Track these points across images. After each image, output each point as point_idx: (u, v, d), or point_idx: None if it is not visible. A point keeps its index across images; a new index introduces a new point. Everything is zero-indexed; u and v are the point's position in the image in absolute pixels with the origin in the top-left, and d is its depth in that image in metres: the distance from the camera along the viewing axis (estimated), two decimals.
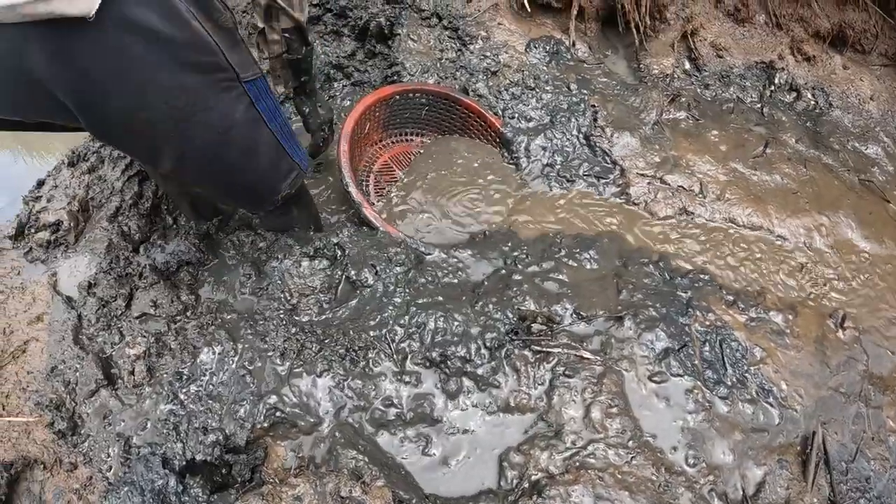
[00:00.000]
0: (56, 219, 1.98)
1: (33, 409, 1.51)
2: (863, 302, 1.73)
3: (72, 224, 1.95)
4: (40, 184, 2.01)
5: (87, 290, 1.73)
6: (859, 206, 2.00)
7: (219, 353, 1.39)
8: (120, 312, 1.63)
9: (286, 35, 1.42)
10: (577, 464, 1.24)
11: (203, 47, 1.10)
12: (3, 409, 1.53)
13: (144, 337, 1.54)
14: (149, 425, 1.36)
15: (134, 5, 0.98)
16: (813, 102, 2.33)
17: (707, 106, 2.18)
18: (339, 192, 1.89)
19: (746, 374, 1.45)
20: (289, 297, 1.48)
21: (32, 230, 2.03)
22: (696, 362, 1.43)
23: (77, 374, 1.52)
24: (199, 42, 1.09)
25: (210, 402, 1.33)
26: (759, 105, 2.26)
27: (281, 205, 1.48)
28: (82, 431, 1.43)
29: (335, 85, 2.29)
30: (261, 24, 1.38)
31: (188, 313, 1.60)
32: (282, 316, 1.45)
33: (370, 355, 1.33)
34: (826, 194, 2.00)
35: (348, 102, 2.22)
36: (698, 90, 2.25)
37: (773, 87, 2.34)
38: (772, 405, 1.42)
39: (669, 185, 1.87)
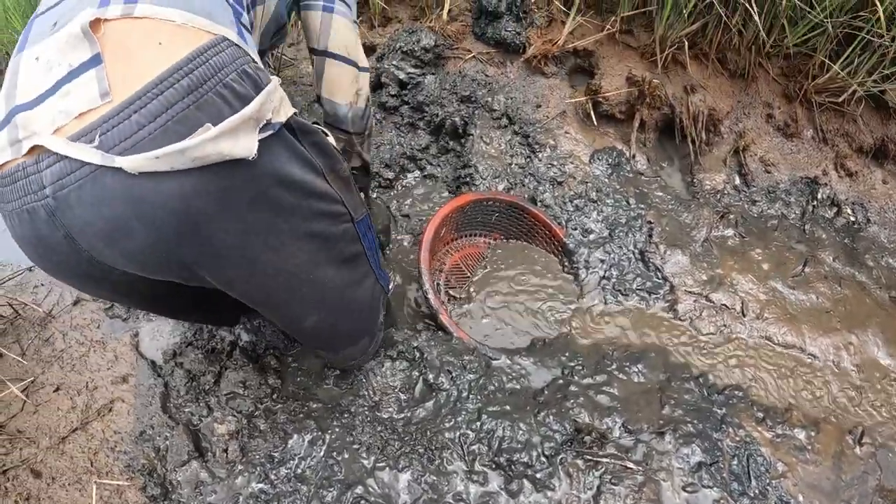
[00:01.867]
0: None
1: (123, 470, 1.62)
2: (881, 418, 1.87)
3: None
4: None
5: (174, 359, 1.84)
6: (887, 323, 2.12)
7: (308, 441, 1.57)
8: (208, 387, 1.75)
9: (353, 172, 1.62)
10: None
11: (328, 195, 1.18)
12: (93, 466, 1.64)
13: (235, 416, 1.67)
14: (241, 500, 1.50)
15: (281, 154, 1.05)
16: (852, 218, 2.45)
17: (753, 223, 2.33)
18: (416, 291, 2.06)
19: (768, 487, 1.62)
20: (372, 395, 1.66)
21: None
22: (725, 475, 1.62)
23: (168, 442, 1.64)
24: (326, 192, 1.17)
25: (299, 484, 1.51)
26: (800, 222, 2.39)
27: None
28: (173, 497, 1.54)
29: (408, 176, 2.46)
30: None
31: (275, 396, 1.71)
32: (366, 412, 1.63)
33: (445, 455, 1.53)
34: (857, 312, 2.13)
35: (420, 191, 2.41)
36: (746, 206, 2.39)
37: (815, 203, 2.46)
38: None
39: (714, 303, 2.03)
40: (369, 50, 2.75)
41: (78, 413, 1.79)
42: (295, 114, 1.08)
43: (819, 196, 2.48)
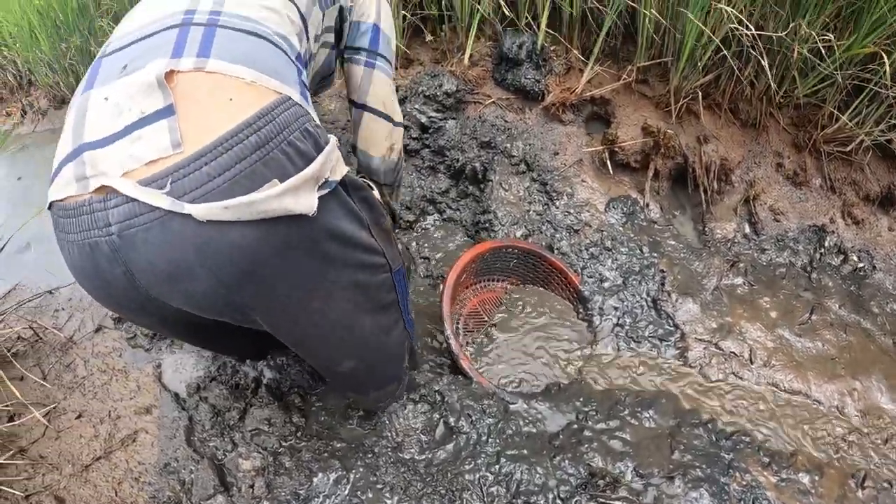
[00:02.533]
0: None
1: (148, 502, 1.67)
2: (883, 462, 1.93)
3: None
4: None
5: (198, 393, 1.91)
6: (891, 370, 2.18)
7: (333, 480, 1.65)
8: (233, 423, 1.81)
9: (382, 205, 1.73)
10: None
11: (372, 248, 1.27)
12: (117, 496, 1.69)
13: (260, 453, 1.73)
14: None
15: (335, 210, 1.13)
16: (859, 265, 2.51)
17: (762, 271, 2.40)
18: (439, 336, 2.13)
19: None
20: (394, 436, 1.74)
21: None
22: None
23: (193, 475, 1.70)
24: (371, 245, 1.26)
25: None
26: (808, 269, 2.46)
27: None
28: None
29: (428, 219, 2.55)
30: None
31: (299, 434, 1.77)
32: (389, 452, 1.71)
33: (465, 496, 1.61)
34: (862, 359, 2.19)
35: (439, 234, 2.51)
36: (755, 255, 2.46)
37: (822, 250, 2.52)
38: None
39: (723, 350, 2.11)
40: None
41: (101, 442, 1.85)
42: (348, 173, 1.18)
43: (826, 244, 2.55)
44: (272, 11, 1.19)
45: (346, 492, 1.62)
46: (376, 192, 1.54)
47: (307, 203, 1.03)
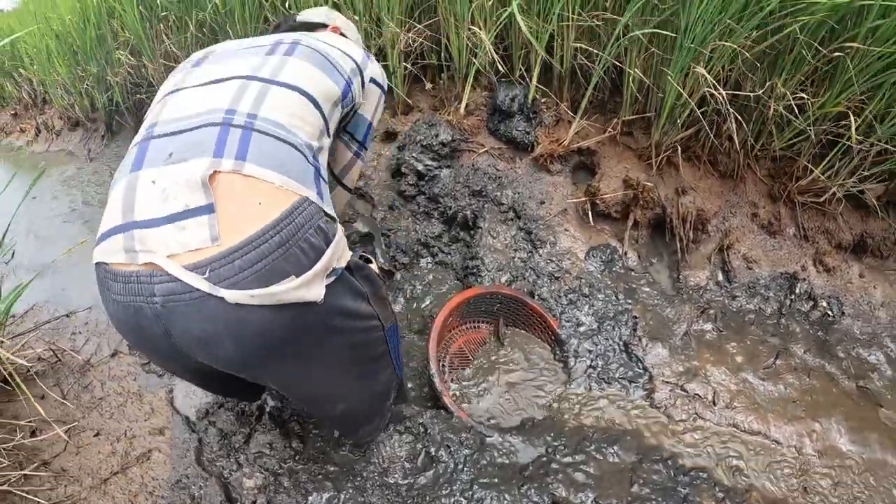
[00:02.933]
0: None
1: None
2: (838, 501, 2.03)
3: None
4: None
5: (206, 417, 2.12)
6: (852, 412, 2.29)
7: (326, 499, 1.83)
8: (238, 446, 1.99)
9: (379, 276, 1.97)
10: None
11: (369, 315, 1.51)
12: None
13: (262, 473, 1.90)
14: None
15: (341, 292, 1.37)
16: (828, 311, 2.62)
17: (731, 317, 2.54)
18: (425, 373, 2.26)
19: None
20: (381, 462, 1.91)
21: None
22: None
23: (202, 491, 1.88)
24: (368, 312, 1.51)
25: None
26: (777, 316, 2.59)
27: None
28: None
29: (421, 262, 2.75)
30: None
31: (297, 458, 1.94)
32: (375, 476, 1.88)
33: None
34: (823, 402, 2.31)
35: (431, 276, 2.70)
36: (726, 301, 2.60)
37: (793, 297, 2.65)
38: None
39: (688, 392, 2.26)
40: (391, 136, 3.07)
41: (118, 458, 2.05)
42: (352, 258, 1.43)
43: (797, 290, 2.69)
44: (299, 117, 1.42)
45: None
46: (374, 266, 1.79)
47: (316, 293, 1.27)
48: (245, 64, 1.47)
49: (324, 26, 2.04)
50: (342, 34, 2.02)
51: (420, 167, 2.82)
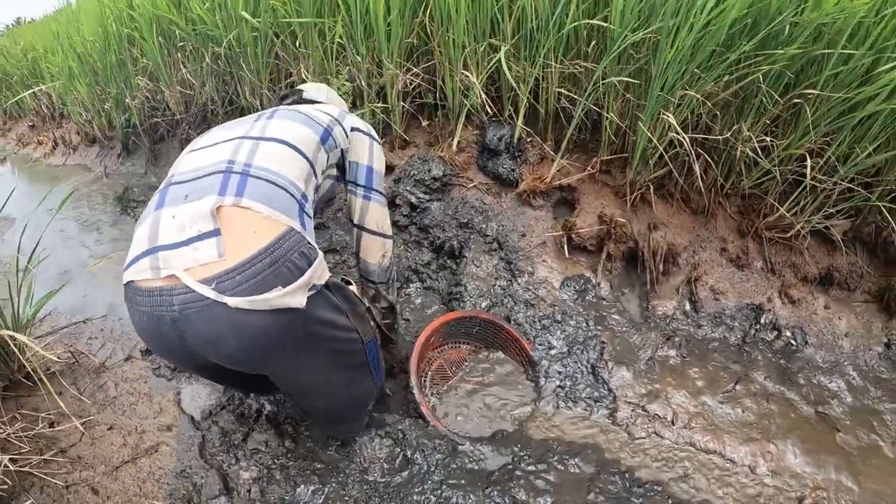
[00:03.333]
0: None
1: (166, 497, 2.01)
2: None
3: None
4: None
5: (210, 417, 2.34)
6: (809, 435, 2.36)
7: (312, 491, 2.03)
8: (237, 443, 2.20)
9: (383, 310, 2.25)
10: None
11: (347, 327, 1.78)
12: (141, 491, 2.03)
13: (257, 467, 2.10)
14: None
15: (320, 304, 1.66)
16: (791, 341, 2.76)
17: (696, 344, 2.70)
18: (406, 388, 2.43)
19: None
20: (363, 462, 2.11)
21: None
22: None
23: (203, 480, 2.06)
24: (346, 325, 1.78)
25: None
26: (741, 344, 2.74)
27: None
28: None
29: (411, 287, 2.98)
30: (367, 304, 2.21)
31: (289, 455, 2.15)
32: (357, 474, 2.08)
33: None
34: (781, 425, 2.39)
35: (420, 300, 2.92)
36: (692, 330, 2.76)
37: (757, 327, 2.80)
38: None
39: (648, 412, 2.38)
40: (388, 169, 3.30)
41: (129, 449, 2.25)
42: (330, 277, 1.71)
43: (762, 321, 2.84)
44: (284, 164, 1.74)
45: (321, 501, 1.97)
46: (354, 288, 2.04)
47: (299, 301, 1.55)
48: (240, 128, 1.84)
49: (321, 103, 2.31)
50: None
51: (413, 199, 3.05)
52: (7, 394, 2.38)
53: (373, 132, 2.20)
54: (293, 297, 1.54)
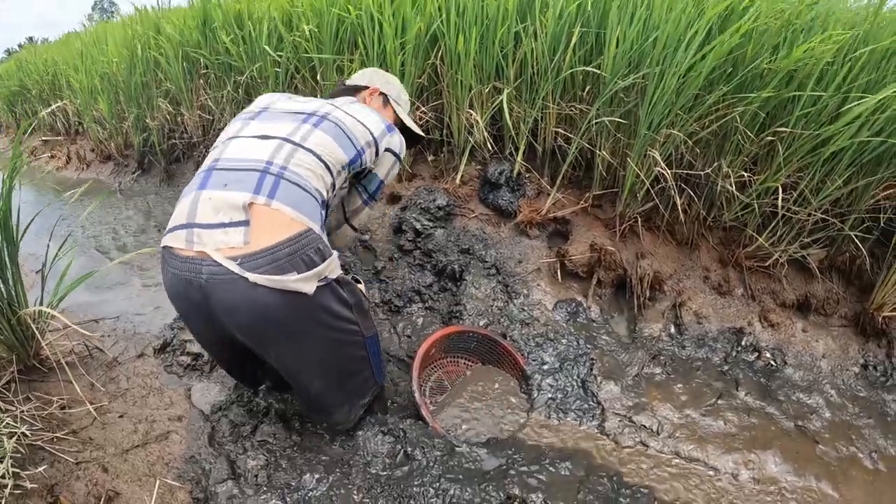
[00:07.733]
0: (199, 351, 2.78)
1: (175, 479, 2.07)
2: None
3: (210, 359, 2.70)
4: None
5: (220, 410, 2.41)
6: (789, 446, 2.45)
7: (317, 479, 2.10)
8: (246, 434, 2.25)
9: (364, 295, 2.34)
10: None
11: (350, 320, 1.96)
12: (150, 471, 2.08)
13: (265, 456, 2.15)
14: None
15: (328, 295, 1.84)
16: (771, 361, 2.91)
17: (680, 363, 2.85)
18: (409, 392, 2.51)
19: None
20: (366, 456, 2.22)
21: (177, 352, 2.80)
22: None
23: (211, 465, 2.13)
24: (350, 318, 1.95)
25: None
26: (723, 364, 2.88)
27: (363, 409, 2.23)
28: (212, 503, 2.01)
29: (413, 306, 3.17)
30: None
31: (295, 448, 2.21)
32: (360, 466, 2.14)
33: (411, 501, 2.08)
34: (761, 437, 2.48)
35: (421, 320, 3.11)
36: (676, 350, 2.93)
37: (739, 348, 2.95)
38: None
39: (635, 423, 2.48)
40: (396, 198, 3.54)
41: (139, 435, 2.28)
42: (341, 274, 1.91)
43: (743, 343, 3.00)
44: (314, 174, 1.93)
45: (326, 488, 2.03)
46: (362, 286, 2.24)
47: (309, 287, 1.77)
48: (285, 128, 1.99)
49: (365, 88, 2.51)
50: (382, 93, 2.53)
51: (418, 226, 3.28)
52: (21, 377, 2.44)
53: (401, 153, 2.38)
54: (305, 283, 1.75)
